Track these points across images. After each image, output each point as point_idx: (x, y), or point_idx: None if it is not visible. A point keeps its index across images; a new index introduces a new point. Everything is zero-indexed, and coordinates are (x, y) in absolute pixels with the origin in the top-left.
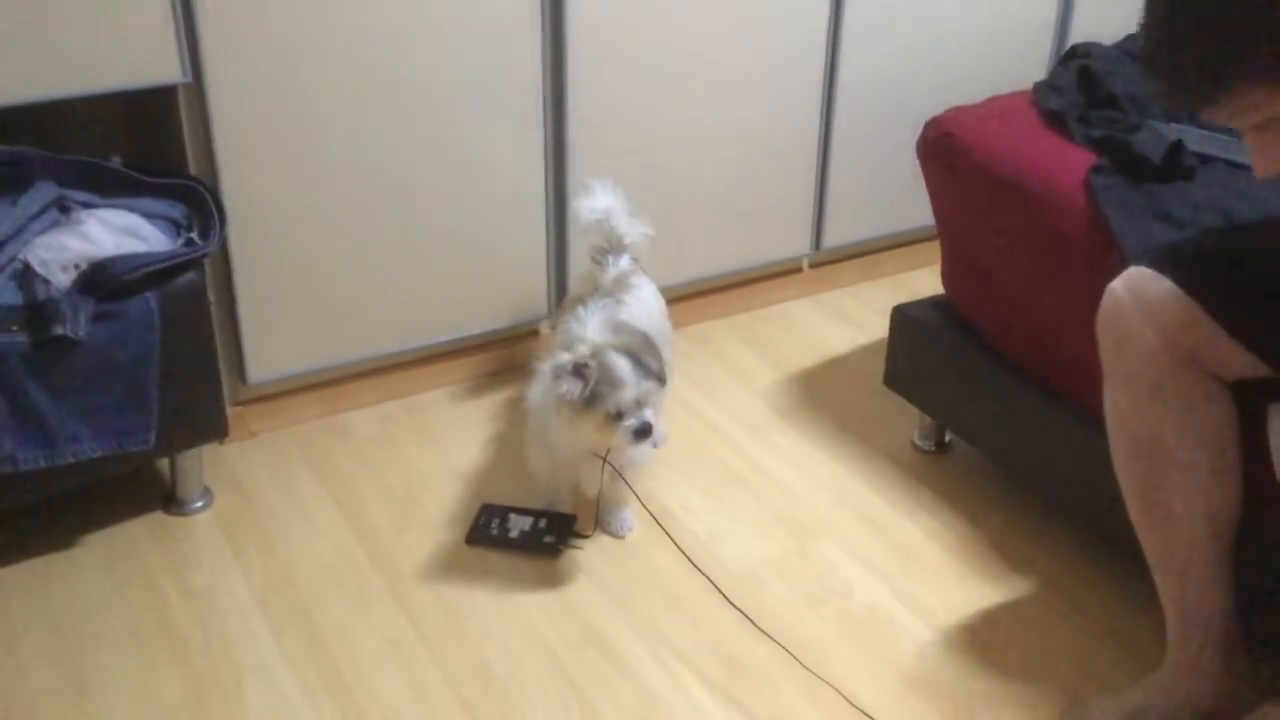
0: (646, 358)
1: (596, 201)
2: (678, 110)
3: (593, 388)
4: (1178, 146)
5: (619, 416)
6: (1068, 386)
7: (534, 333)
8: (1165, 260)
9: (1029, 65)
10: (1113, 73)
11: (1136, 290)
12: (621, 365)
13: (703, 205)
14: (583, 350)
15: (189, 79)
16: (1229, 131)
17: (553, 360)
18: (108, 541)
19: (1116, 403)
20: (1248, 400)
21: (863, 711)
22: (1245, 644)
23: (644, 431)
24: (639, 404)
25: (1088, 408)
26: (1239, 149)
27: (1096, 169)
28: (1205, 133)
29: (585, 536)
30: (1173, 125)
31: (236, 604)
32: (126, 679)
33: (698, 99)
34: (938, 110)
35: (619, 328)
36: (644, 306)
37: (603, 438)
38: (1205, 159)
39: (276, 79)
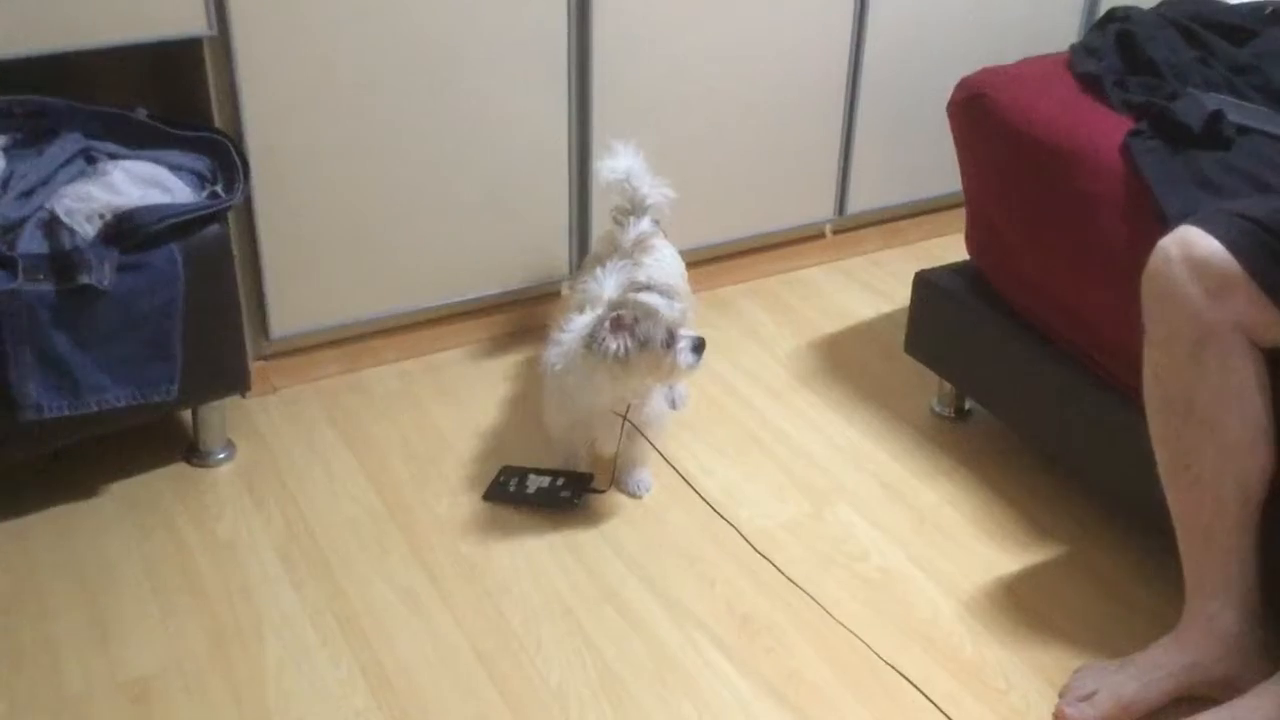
0: (662, 291)
1: (618, 162)
2: (702, 71)
3: (638, 333)
4: (1217, 116)
5: (671, 342)
6: (1092, 353)
7: (555, 293)
8: (1216, 222)
9: (1059, 29)
10: (1152, 38)
11: (1186, 247)
12: (649, 297)
13: (726, 169)
14: (605, 311)
15: (215, 32)
16: (1268, 103)
17: (573, 327)
18: (131, 491)
19: (1154, 360)
20: None
21: (888, 664)
22: (1267, 611)
23: (700, 346)
24: (681, 324)
25: (1111, 375)
26: (1278, 121)
27: (1135, 133)
28: (1245, 104)
29: (600, 491)
30: (1212, 94)
31: (257, 555)
32: (148, 627)
33: (723, 60)
34: (964, 75)
35: (634, 286)
36: (663, 269)
37: (662, 373)
38: (1244, 130)
39: (302, 33)
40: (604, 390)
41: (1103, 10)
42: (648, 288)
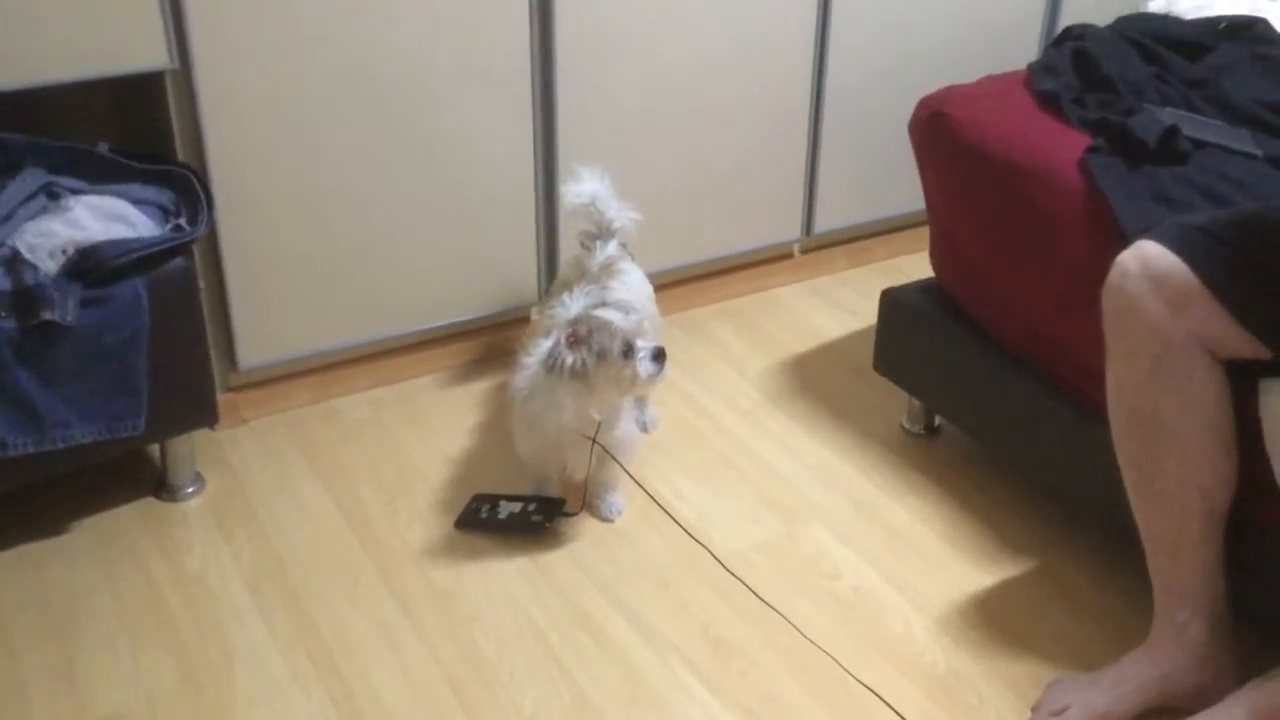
0: (620, 306)
1: (583, 186)
2: (668, 95)
3: (593, 345)
4: (1173, 131)
5: (629, 353)
6: (1056, 368)
7: (524, 319)
8: (1173, 237)
9: (1019, 47)
10: (1108, 55)
11: (1145, 262)
12: (605, 312)
13: (694, 190)
14: (563, 329)
15: (176, 65)
16: (1223, 117)
17: (538, 352)
18: (99, 526)
19: (1117, 375)
20: (1241, 380)
21: (862, 684)
22: (1235, 623)
23: (660, 355)
24: (638, 335)
25: (1076, 389)
26: (1233, 135)
27: (1093, 149)
28: (1200, 118)
29: (572, 514)
30: (1168, 110)
31: (227, 588)
32: (117, 662)
33: (688, 83)
34: (925, 94)
35: (594, 306)
36: (631, 293)
37: (623, 386)
38: (1200, 144)
39: (264, 64)
40: (568, 408)
41: (1060, 29)
42: (604, 305)
